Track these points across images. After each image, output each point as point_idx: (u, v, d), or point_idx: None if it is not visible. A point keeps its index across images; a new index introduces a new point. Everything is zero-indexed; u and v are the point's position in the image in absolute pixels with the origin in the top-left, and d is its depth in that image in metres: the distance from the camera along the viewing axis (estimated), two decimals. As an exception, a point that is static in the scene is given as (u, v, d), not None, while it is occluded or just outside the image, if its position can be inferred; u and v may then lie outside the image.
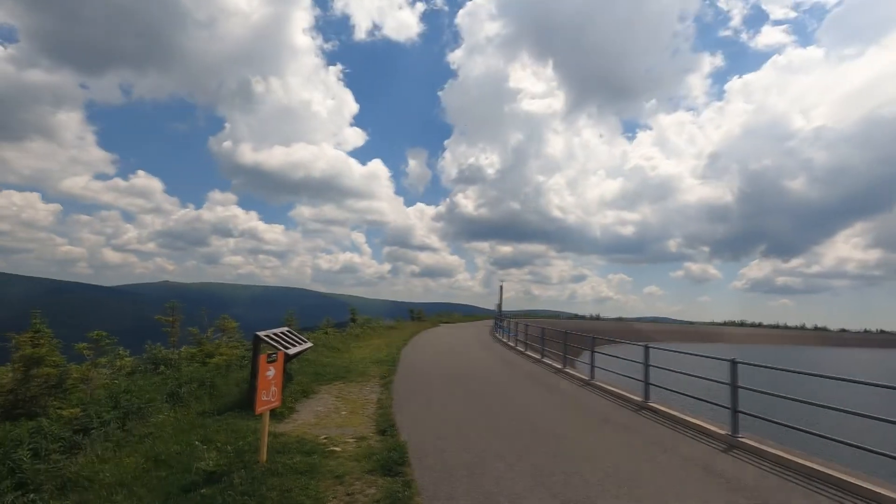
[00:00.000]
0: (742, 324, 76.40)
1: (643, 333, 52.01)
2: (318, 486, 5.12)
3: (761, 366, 7.72)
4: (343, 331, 24.29)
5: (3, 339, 8.19)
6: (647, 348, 10.38)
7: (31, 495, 4.84)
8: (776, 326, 76.53)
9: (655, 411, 9.22)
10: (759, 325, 76.49)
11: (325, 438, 6.96)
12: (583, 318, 67.27)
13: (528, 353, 19.17)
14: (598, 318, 67.58)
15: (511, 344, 22.74)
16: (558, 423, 8.33)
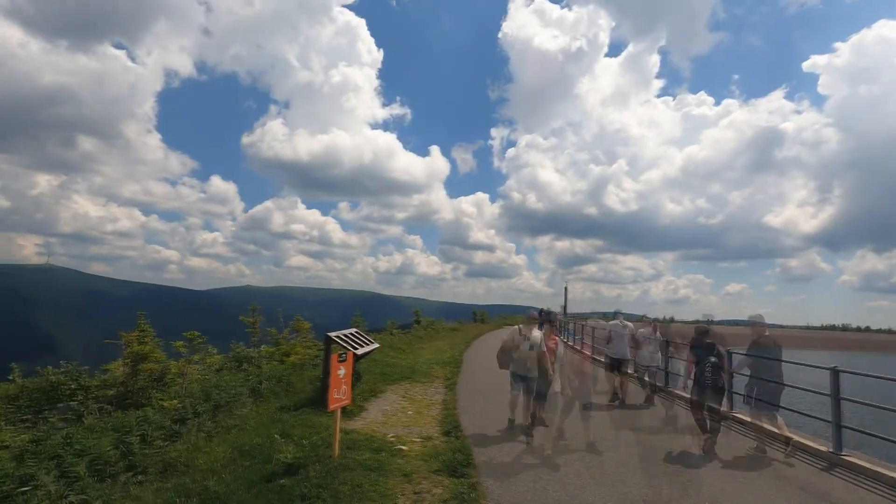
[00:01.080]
0: (845, 328, 68.07)
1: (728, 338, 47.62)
2: (386, 484, 5.28)
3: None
4: (407, 332, 24.88)
5: (116, 337, 9.36)
6: (729, 354, 9.56)
7: (140, 476, 5.46)
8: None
9: (740, 421, 8.48)
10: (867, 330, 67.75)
11: (393, 437, 7.16)
12: (654, 320, 63.55)
13: (595, 356, 18.44)
14: (672, 320, 63.53)
15: (577, 347, 22.01)
16: (625, 432, 7.92)
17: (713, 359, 6.81)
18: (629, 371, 11.13)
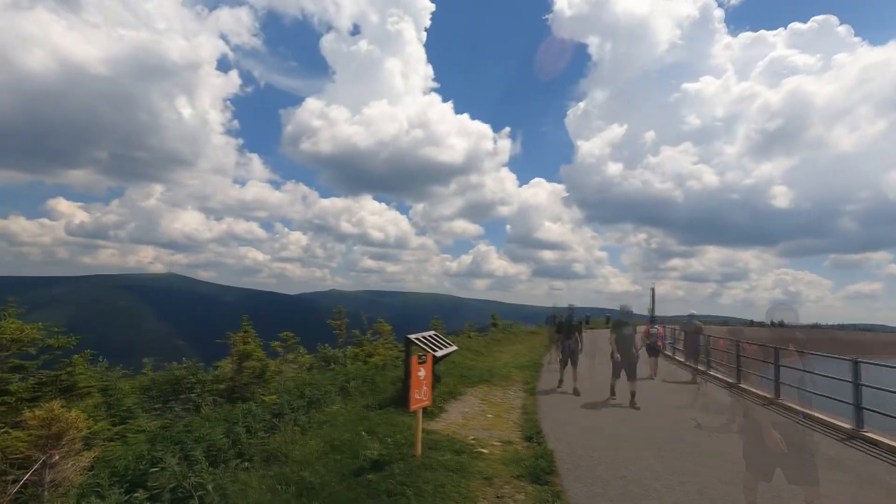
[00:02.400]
0: None
1: (857, 345, 41.72)
2: (468, 485, 5.30)
3: None
4: (485, 335, 24.85)
5: (224, 337, 10.45)
6: (856, 363, 8.32)
7: (246, 463, 6.03)
8: None
9: (872, 442, 7.32)
10: None
11: (473, 439, 7.18)
12: (760, 324, 57.09)
13: (689, 363, 17.01)
14: (781, 324, 56.48)
15: (668, 353, 20.48)
16: (731, 445, 7.18)
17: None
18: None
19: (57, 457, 5.34)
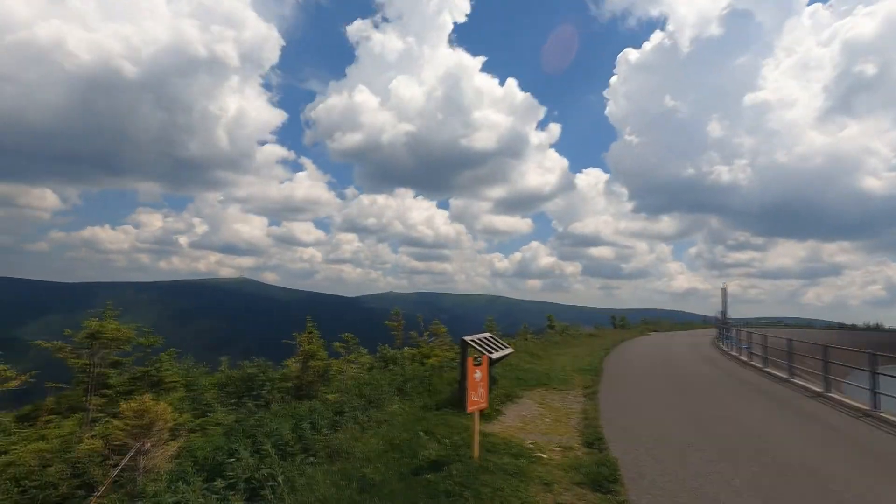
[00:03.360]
0: None
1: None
2: (527, 490, 5.22)
3: None
4: (541, 337, 24.38)
5: (289, 337, 11.05)
6: None
7: (311, 458, 6.32)
8: None
9: None
10: None
11: (532, 444, 7.06)
12: (851, 327, 51.42)
13: (769, 370, 15.67)
14: (877, 327, 50.62)
15: (743, 358, 18.99)
16: (824, 463, 6.51)
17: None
18: None
19: (149, 445, 5.91)
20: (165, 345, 10.06)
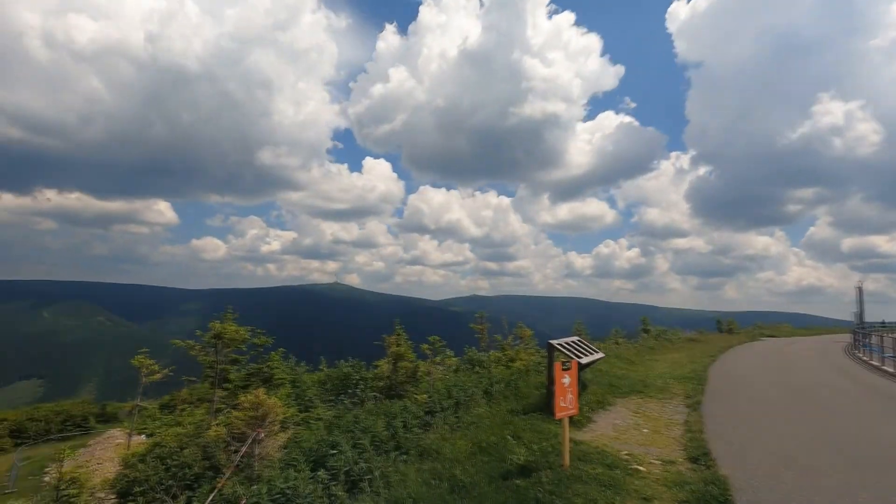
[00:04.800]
0: None
1: None
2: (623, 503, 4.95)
3: None
4: (635, 342, 22.91)
5: (379, 339, 11.63)
6: None
7: (404, 456, 6.59)
8: None
9: None
10: None
11: (627, 455, 6.67)
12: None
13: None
14: None
15: (888, 370, 16.15)
16: None
17: None
18: None
19: (263, 434, 6.58)
20: (274, 345, 11.15)
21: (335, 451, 5.93)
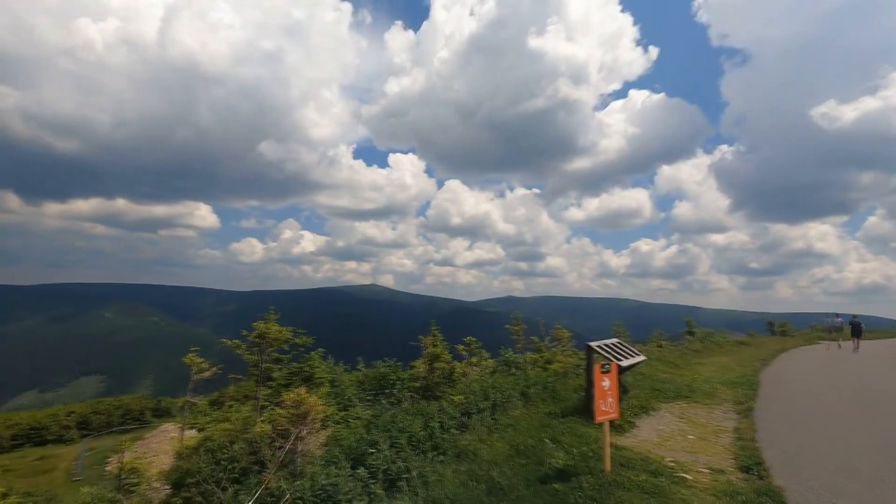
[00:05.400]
0: None
1: None
2: (669, 513, 4.76)
3: None
4: (678, 344, 22.02)
5: (415, 339, 11.73)
6: None
7: (441, 456, 6.62)
8: None
9: None
10: None
11: (672, 462, 6.42)
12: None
13: None
14: None
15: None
16: None
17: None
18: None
19: (305, 432, 6.79)
20: (312, 345, 11.47)
21: (374, 450, 6.03)
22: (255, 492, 5.50)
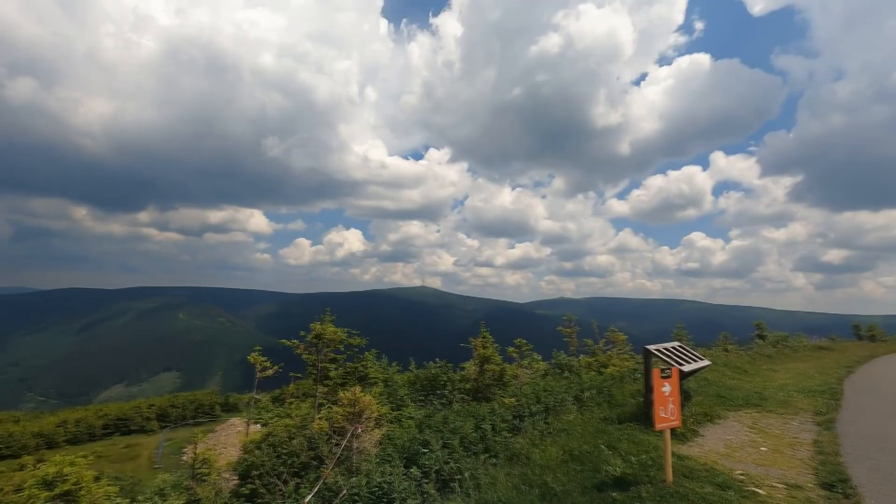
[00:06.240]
0: None
1: None
2: (739, 529, 4.45)
3: None
4: (748, 349, 20.53)
5: (466, 341, 11.76)
6: None
7: (493, 459, 6.58)
8: None
9: None
10: None
11: (742, 475, 5.99)
12: None
13: None
14: None
15: None
16: None
17: None
18: None
19: (360, 430, 7.00)
20: (367, 345, 11.81)
21: (426, 450, 6.11)
22: (315, 486, 5.74)
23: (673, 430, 6.37)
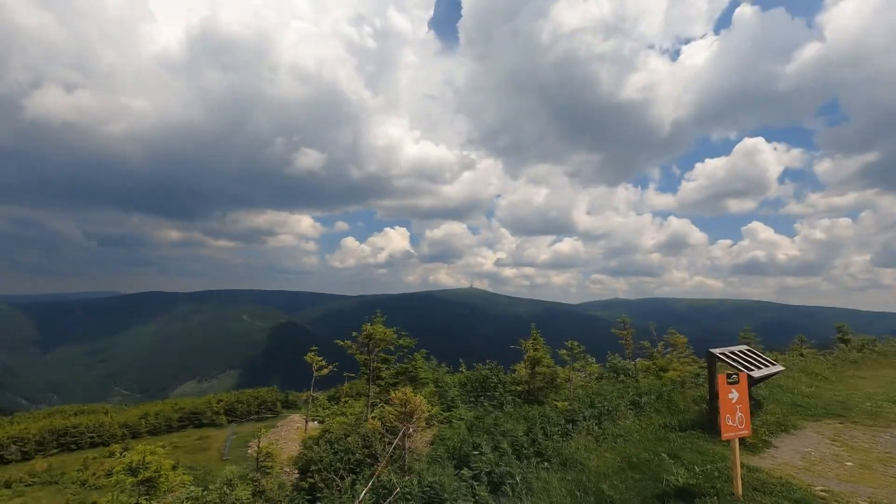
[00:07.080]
0: None
1: None
2: (821, 551, 4.07)
3: None
4: (828, 353, 18.74)
5: (517, 343, 11.62)
6: None
7: (545, 463, 6.45)
8: None
9: None
10: None
11: (824, 491, 5.48)
12: None
13: None
14: None
15: None
16: None
17: None
18: None
19: (412, 429, 7.10)
20: (417, 346, 11.97)
21: (477, 452, 6.09)
22: (369, 483, 5.90)
23: (742, 440, 5.94)
